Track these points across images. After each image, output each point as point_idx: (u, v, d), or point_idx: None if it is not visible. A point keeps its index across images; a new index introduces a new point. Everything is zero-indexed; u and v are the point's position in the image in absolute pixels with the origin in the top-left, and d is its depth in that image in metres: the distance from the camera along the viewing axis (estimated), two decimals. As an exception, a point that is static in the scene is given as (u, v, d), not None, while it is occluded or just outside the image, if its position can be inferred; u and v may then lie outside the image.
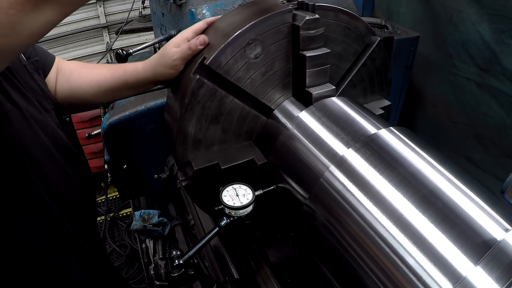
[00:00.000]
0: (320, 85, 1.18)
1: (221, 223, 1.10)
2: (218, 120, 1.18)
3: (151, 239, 1.90)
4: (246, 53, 1.11)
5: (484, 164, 2.28)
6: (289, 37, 1.14)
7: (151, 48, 2.20)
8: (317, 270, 1.33)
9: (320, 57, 1.14)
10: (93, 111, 3.25)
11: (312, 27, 1.10)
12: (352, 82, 1.33)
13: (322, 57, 1.14)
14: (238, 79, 1.14)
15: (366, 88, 1.39)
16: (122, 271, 3.21)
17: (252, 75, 1.15)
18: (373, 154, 0.97)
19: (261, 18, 1.10)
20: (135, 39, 5.26)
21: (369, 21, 2.26)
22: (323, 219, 0.99)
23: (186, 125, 1.15)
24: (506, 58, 1.96)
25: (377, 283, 0.85)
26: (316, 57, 1.13)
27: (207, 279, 1.27)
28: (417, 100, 2.65)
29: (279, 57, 1.17)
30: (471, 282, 0.72)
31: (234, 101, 1.17)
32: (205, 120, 1.16)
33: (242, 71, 1.13)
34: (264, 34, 1.11)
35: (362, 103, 1.36)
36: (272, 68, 1.17)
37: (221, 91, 1.13)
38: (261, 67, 1.16)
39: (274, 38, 1.13)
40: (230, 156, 1.20)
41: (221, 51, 1.08)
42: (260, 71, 1.16)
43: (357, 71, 1.31)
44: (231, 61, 1.10)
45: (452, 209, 0.82)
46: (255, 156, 1.20)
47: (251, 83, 1.16)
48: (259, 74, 1.16)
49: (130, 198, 2.28)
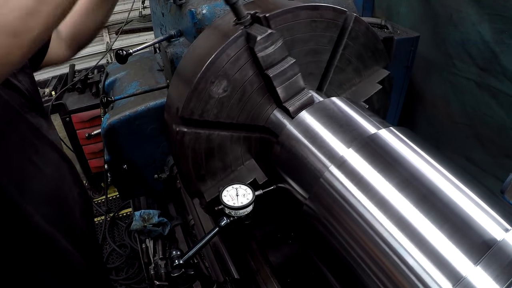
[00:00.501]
0: (296, 95, 1.14)
1: (221, 223, 1.10)
2: (213, 154, 1.20)
3: (151, 239, 1.90)
4: (213, 92, 1.11)
5: (484, 164, 2.28)
6: (251, 59, 1.11)
7: (151, 48, 2.20)
8: (317, 270, 1.33)
9: (285, 71, 1.10)
10: (93, 111, 3.25)
11: (268, 44, 1.06)
12: (338, 69, 1.29)
13: (287, 70, 1.10)
14: (215, 115, 1.15)
15: (358, 67, 1.34)
16: (122, 271, 3.21)
17: (228, 106, 1.15)
18: (373, 154, 0.97)
19: (214, 55, 1.07)
20: (135, 39, 5.25)
21: (369, 21, 2.25)
22: (323, 219, 0.99)
23: (185, 168, 1.19)
24: (506, 58, 1.96)
25: (377, 283, 0.85)
26: (281, 73, 1.09)
27: (207, 279, 1.27)
28: (417, 100, 2.65)
29: (248, 80, 1.14)
30: (471, 282, 0.72)
31: (220, 134, 1.18)
32: (200, 159, 1.19)
33: (216, 107, 1.14)
34: (223, 68, 1.09)
35: (358, 82, 1.35)
36: (246, 92, 1.16)
37: (204, 132, 1.16)
38: (234, 96, 1.15)
39: (235, 67, 1.10)
40: (235, 179, 1.23)
41: (188, 100, 1.09)
42: (234, 99, 1.15)
43: (341, 56, 1.27)
44: (201, 104, 1.11)
45: (452, 209, 0.82)
46: (257, 176, 1.22)
47: (230, 113, 1.17)
48: (235, 102, 1.16)
49: (130, 198, 2.28)
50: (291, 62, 1.10)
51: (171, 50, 1.57)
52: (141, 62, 2.27)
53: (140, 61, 2.27)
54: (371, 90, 1.34)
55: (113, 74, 2.23)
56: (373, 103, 1.36)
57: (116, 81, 2.19)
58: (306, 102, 1.14)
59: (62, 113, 3.26)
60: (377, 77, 1.36)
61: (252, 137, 1.25)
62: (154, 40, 1.67)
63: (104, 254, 3.33)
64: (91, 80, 3.49)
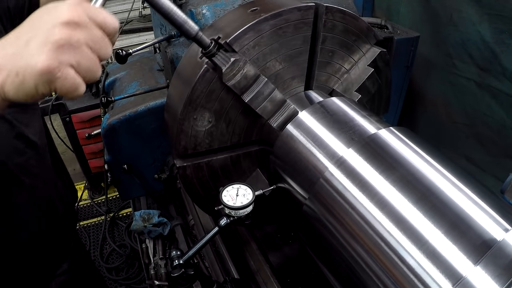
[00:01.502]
0: (279, 111, 1.13)
1: (221, 223, 1.10)
2: (218, 176, 1.27)
3: (151, 239, 1.90)
4: (198, 126, 1.16)
5: (484, 164, 2.28)
6: (224, 87, 1.11)
7: (151, 48, 2.20)
8: (317, 270, 1.33)
9: (261, 91, 1.09)
10: (93, 111, 3.24)
11: (236, 71, 1.05)
12: (322, 63, 1.27)
13: (263, 90, 1.09)
14: (208, 145, 1.21)
15: (344, 55, 1.30)
16: (122, 271, 3.21)
17: (217, 134, 1.20)
18: (373, 154, 0.97)
19: (187, 97, 1.11)
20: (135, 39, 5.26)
21: (369, 21, 2.25)
22: (323, 219, 0.99)
23: (196, 194, 1.29)
24: (506, 58, 1.96)
25: (377, 283, 0.85)
26: (257, 94, 1.09)
27: (207, 279, 1.26)
28: (417, 100, 2.64)
29: (229, 106, 1.16)
30: (471, 282, 0.72)
31: (219, 158, 1.24)
32: (207, 183, 1.27)
33: (207, 138, 1.20)
34: (201, 102, 1.13)
35: (350, 69, 1.32)
36: (231, 117, 1.19)
37: (203, 161, 1.23)
38: (221, 124, 1.19)
39: (212, 99, 1.13)
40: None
41: (178, 140, 1.17)
42: (221, 127, 1.19)
43: (321, 51, 1.25)
44: (191, 140, 1.18)
45: (452, 208, 0.82)
46: (261, 186, 1.25)
47: (221, 139, 1.21)
48: (223, 128, 1.20)
49: (130, 198, 2.28)
50: (264, 82, 1.08)
51: (171, 50, 1.58)
52: (141, 62, 2.27)
53: (140, 61, 2.27)
54: (363, 76, 1.30)
55: (113, 74, 2.23)
56: (368, 88, 1.33)
57: (116, 81, 2.19)
58: (289, 115, 1.14)
59: (62, 113, 3.25)
60: (370, 58, 1.32)
61: (252, 151, 1.28)
62: (154, 40, 1.67)
63: (104, 254, 3.33)
64: (91, 80, 3.49)
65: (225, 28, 1.15)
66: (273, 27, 1.13)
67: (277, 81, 1.21)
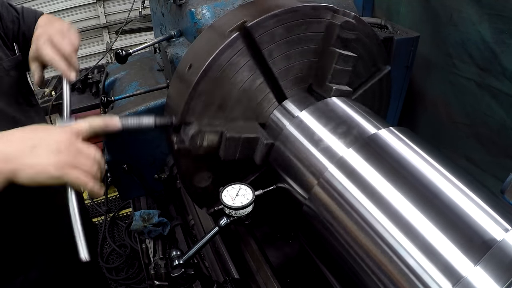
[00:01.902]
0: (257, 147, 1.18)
1: (221, 223, 1.10)
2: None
3: (151, 239, 1.90)
4: (201, 184, 1.26)
5: (484, 164, 2.28)
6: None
7: (151, 48, 2.20)
8: (317, 270, 1.33)
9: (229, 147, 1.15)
10: (93, 111, 3.24)
11: (200, 141, 1.14)
12: (283, 72, 1.20)
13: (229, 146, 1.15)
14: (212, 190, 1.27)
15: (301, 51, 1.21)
16: (122, 271, 3.21)
17: (217, 185, 1.23)
18: (373, 154, 0.97)
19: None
20: (135, 39, 5.26)
21: (369, 21, 2.25)
22: (323, 219, 0.99)
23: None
24: (506, 58, 1.95)
25: (376, 283, 0.85)
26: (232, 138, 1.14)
27: (207, 279, 1.26)
28: (417, 100, 2.64)
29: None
30: (471, 282, 0.72)
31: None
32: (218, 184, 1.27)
33: (209, 188, 1.28)
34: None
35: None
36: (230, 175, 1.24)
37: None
38: (220, 179, 1.24)
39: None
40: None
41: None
42: (223, 179, 1.23)
43: (275, 63, 1.17)
44: (197, 196, 1.29)
45: (452, 209, 0.82)
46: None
47: (224, 183, 1.20)
48: (224, 179, 1.24)
49: (130, 198, 2.28)
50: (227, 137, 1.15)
51: (171, 50, 1.58)
52: (141, 62, 2.27)
53: (140, 61, 2.27)
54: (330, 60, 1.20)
55: (113, 74, 2.23)
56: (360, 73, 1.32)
57: (116, 81, 2.19)
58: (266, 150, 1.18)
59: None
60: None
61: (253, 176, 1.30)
62: (154, 40, 1.67)
63: (104, 254, 3.33)
64: (91, 80, 3.49)
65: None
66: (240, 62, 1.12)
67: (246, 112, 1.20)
